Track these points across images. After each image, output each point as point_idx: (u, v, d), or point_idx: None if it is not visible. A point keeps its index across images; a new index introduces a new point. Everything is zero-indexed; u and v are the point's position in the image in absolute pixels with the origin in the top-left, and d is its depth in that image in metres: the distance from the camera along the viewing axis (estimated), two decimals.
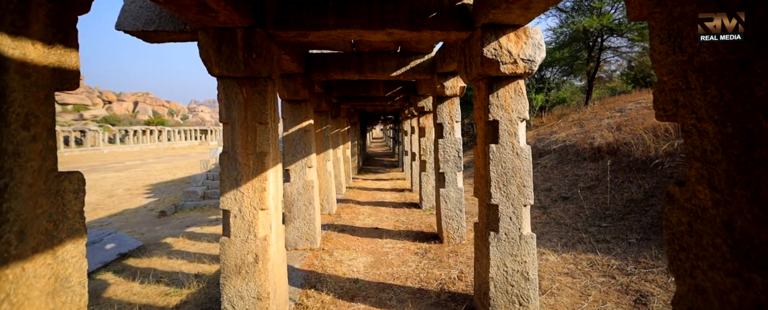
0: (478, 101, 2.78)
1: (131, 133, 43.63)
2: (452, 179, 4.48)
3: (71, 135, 37.34)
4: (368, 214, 6.27)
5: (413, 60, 4.50)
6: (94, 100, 58.95)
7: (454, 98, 4.49)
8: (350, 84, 6.40)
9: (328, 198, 6.40)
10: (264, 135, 2.61)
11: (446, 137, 4.48)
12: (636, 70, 15.67)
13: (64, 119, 47.57)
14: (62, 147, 34.78)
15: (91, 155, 34.36)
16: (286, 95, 4.35)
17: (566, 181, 6.01)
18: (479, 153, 2.79)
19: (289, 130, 4.49)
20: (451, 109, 4.48)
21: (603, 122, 7.71)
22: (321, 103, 6.17)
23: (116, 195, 13.75)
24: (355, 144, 12.38)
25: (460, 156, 4.48)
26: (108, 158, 32.02)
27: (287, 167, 4.48)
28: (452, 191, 4.47)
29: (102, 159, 30.56)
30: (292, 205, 4.46)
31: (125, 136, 43.80)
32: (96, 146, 38.84)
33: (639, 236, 3.67)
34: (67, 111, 53.49)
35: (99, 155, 34.12)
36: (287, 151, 4.49)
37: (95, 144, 39.30)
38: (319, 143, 6.36)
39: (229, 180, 2.58)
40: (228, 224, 2.58)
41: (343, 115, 9.75)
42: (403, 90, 6.50)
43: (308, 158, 4.50)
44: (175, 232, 8.18)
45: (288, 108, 4.50)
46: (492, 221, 2.65)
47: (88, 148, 37.27)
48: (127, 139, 43.21)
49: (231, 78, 2.58)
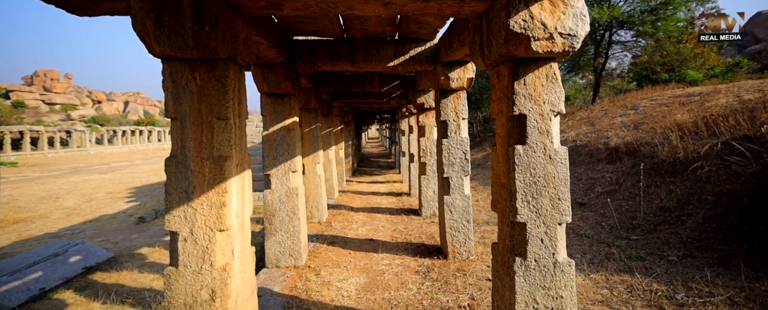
0: (498, 91, 2.20)
1: (120, 134, 42.57)
2: (458, 185, 3.90)
3: (56, 136, 36.26)
4: (362, 222, 5.67)
5: (413, 48, 3.91)
6: (83, 100, 57.71)
7: (460, 92, 3.91)
8: (342, 78, 5.80)
9: (318, 205, 5.79)
10: (224, 134, 2.01)
11: (451, 137, 3.90)
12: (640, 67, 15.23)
13: (50, 119, 46.37)
14: (46, 148, 33.72)
15: (76, 156, 33.33)
16: (266, 88, 3.75)
17: (581, 185, 5.47)
18: (499, 156, 2.21)
19: (270, 129, 3.88)
20: (456, 105, 3.90)
21: (616, 121, 7.19)
22: (309, 100, 5.57)
23: (96, 199, 13.01)
24: (350, 144, 11.77)
25: (467, 158, 3.90)
26: (94, 159, 31.07)
27: (268, 172, 3.87)
28: (458, 198, 3.89)
29: (87, 160, 29.62)
30: (273, 215, 3.85)
31: (113, 137, 42.76)
32: (82, 147, 37.77)
33: (680, 253, 3.12)
34: (55, 111, 52.26)
35: (85, 157, 33.11)
36: (267, 153, 3.88)
37: (81, 145, 38.24)
38: (308, 144, 5.76)
39: (177, 193, 1.97)
40: (176, 250, 1.98)
41: (336, 114, 9.14)
42: (401, 85, 5.92)
43: (292, 161, 3.90)
44: (151, 241, 7.53)
45: (268, 103, 3.89)
46: (517, 244, 2.07)
47: (74, 150, 36.22)
48: (116, 140, 42.17)
49: (179, 60, 1.97)
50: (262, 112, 3.92)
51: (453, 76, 3.73)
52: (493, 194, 2.31)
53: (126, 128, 44.23)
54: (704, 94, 6.53)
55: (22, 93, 51.42)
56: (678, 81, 13.14)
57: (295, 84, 3.95)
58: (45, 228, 8.64)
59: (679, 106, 6.31)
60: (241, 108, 2.19)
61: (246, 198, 2.23)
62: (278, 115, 3.90)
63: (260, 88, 3.79)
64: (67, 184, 16.81)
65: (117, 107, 62.04)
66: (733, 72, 12.95)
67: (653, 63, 14.85)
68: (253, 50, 3.14)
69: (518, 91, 2.04)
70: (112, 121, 52.21)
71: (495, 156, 2.27)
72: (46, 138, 34.39)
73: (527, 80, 2.04)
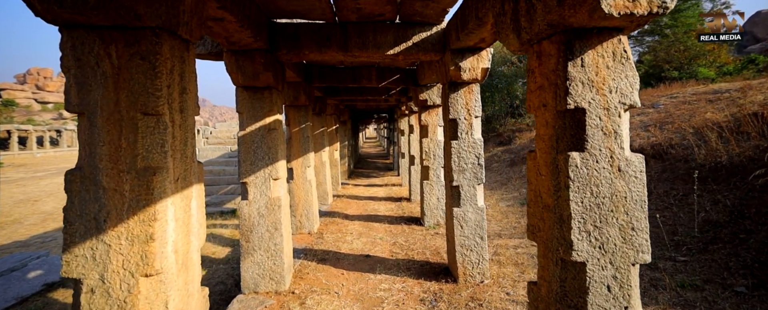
0: (540, 77, 1.60)
1: None
2: (471, 195, 3.30)
3: (46, 135, 35.42)
4: (358, 233, 5.06)
5: (417, 33, 3.31)
6: None
7: (472, 85, 3.30)
8: (335, 72, 5.19)
9: (308, 213, 5.18)
10: (154, 136, 1.40)
11: (462, 138, 3.30)
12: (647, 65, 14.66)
13: (41, 118, 45.54)
14: (35, 148, 32.90)
15: (66, 155, 32.55)
16: (241, 80, 3.13)
17: None
18: (541, 167, 1.61)
19: (247, 129, 3.26)
20: (468, 100, 3.29)
21: (634, 119, 6.61)
22: (298, 95, 4.95)
23: None
24: (346, 145, 11.16)
25: (480, 164, 3.30)
26: None
27: (244, 180, 3.26)
28: (471, 211, 3.29)
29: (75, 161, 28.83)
30: (250, 231, 3.23)
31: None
32: (73, 146, 36.94)
33: (748, 282, 2.53)
34: (47, 110, 51.51)
35: (74, 156, 32.23)
36: (244, 157, 3.26)
37: (73, 144, 37.40)
38: (297, 146, 5.14)
39: (82, 221, 1.36)
40: (78, 306, 1.36)
41: (331, 112, 8.52)
42: (401, 79, 5.31)
43: (273, 166, 3.28)
44: None
45: (245, 98, 3.27)
46: (572, 292, 1.47)
47: (64, 149, 35.41)
48: None
49: (84, 28, 1.36)
50: (237, 108, 3.30)
51: (465, 65, 3.12)
52: (530, 217, 1.71)
53: None
54: (734, 90, 5.96)
55: (14, 91, 50.72)
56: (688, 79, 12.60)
57: (277, 75, 3.33)
58: (15, 235, 7.97)
59: (706, 104, 5.73)
60: (184, 100, 1.57)
61: (193, 225, 1.61)
62: (257, 112, 3.28)
63: (235, 80, 3.17)
64: (50, 185, 16.11)
65: None
66: (748, 69, 12.42)
67: (659, 60, 14.29)
68: (221, 31, 2.53)
69: (574, 75, 1.44)
70: None
71: (534, 166, 1.67)
72: (34, 137, 33.56)
73: (587, 60, 1.44)
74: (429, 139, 5.29)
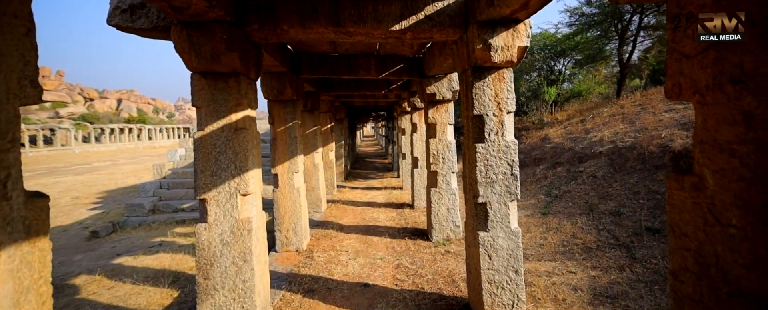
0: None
1: (107, 132, 40.88)
2: (502, 215, 2.52)
3: (39, 134, 34.59)
4: (355, 250, 4.29)
5: (430, 3, 2.52)
6: (75, 98, 56.34)
7: (504, 70, 2.52)
8: (328, 62, 4.40)
9: (296, 227, 4.39)
10: None
11: (491, 141, 2.51)
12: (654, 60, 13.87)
13: (37, 117, 44.78)
14: (27, 147, 32.06)
15: (58, 155, 31.74)
16: (196, 63, 2.34)
17: (642, 201, 4.12)
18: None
19: (205, 129, 2.48)
20: (499, 91, 2.51)
21: (663, 117, 5.84)
22: (283, 89, 4.16)
23: (58, 206, 11.52)
24: (342, 145, 10.37)
25: (514, 173, 2.52)
26: (77, 158, 29.50)
27: (202, 196, 2.47)
28: (502, 236, 2.51)
29: (69, 160, 28.03)
30: (209, 265, 2.45)
31: (101, 135, 41.09)
32: (67, 145, 36.13)
33: None
34: (44, 108, 50.83)
35: (68, 156, 31.54)
36: (201, 166, 2.47)
37: (67, 143, 36.58)
38: (282, 147, 4.35)
39: None
40: None
41: (325, 110, 7.73)
42: (405, 70, 4.52)
43: (242, 177, 2.50)
44: (97, 264, 6.09)
45: (203, 88, 2.48)
46: None
47: (58, 148, 34.59)
48: (104, 138, 40.51)
49: None
50: (193, 101, 2.51)
51: (496, 43, 2.33)
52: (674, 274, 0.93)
53: (114, 126, 42.58)
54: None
55: None
56: None
57: (247, 58, 2.54)
58: None
59: None
60: None
61: None
62: (220, 106, 2.49)
63: (188, 63, 2.38)
64: (35, 187, 15.27)
65: (110, 105, 60.67)
66: None
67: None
68: None
69: None
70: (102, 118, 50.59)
71: (680, 185, 0.89)
72: (27, 136, 32.75)
73: None
74: (437, 140, 4.51)
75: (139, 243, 7.14)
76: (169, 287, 4.66)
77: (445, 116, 4.51)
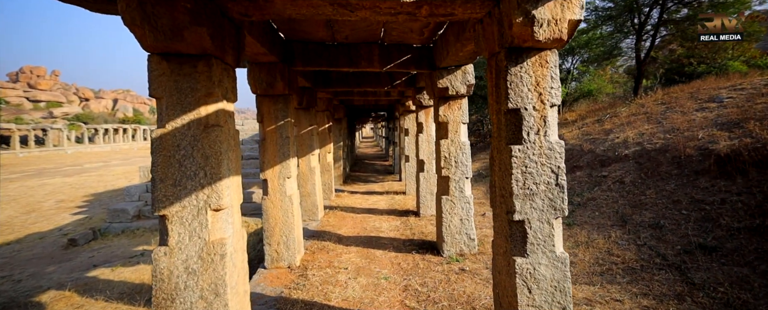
0: None
1: (101, 132, 40.17)
2: (544, 237, 1.98)
3: (31, 134, 33.87)
4: (355, 267, 3.75)
5: None
6: (70, 98, 55.79)
7: (548, 53, 1.99)
8: (325, 51, 3.87)
9: (288, 240, 3.85)
10: None
11: (530, 142, 1.98)
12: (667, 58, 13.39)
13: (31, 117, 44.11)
14: (18, 147, 31.37)
15: (50, 156, 31.04)
16: (152, 40, 1.80)
17: (686, 211, 3.59)
18: None
19: (166, 126, 1.93)
20: (541, 78, 1.98)
21: (695, 116, 5.33)
22: (274, 81, 3.63)
23: (40, 210, 10.91)
24: (340, 146, 9.82)
25: (560, 183, 1.98)
26: (68, 159, 28.84)
27: (162, 211, 1.92)
28: (545, 263, 1.97)
29: (60, 161, 27.37)
30: (171, 300, 1.90)
31: (95, 135, 40.38)
32: (60, 146, 35.41)
33: None
34: (39, 108, 50.25)
35: (59, 156, 30.84)
36: (161, 174, 1.93)
37: (59, 144, 35.86)
38: (272, 149, 3.81)
39: None
40: None
41: (323, 108, 7.19)
42: (413, 60, 3.98)
43: (214, 187, 1.96)
44: (69, 277, 5.52)
45: (163, 73, 1.94)
46: None
47: (50, 149, 33.87)
48: (98, 139, 39.80)
49: None
50: (151, 90, 1.97)
51: (542, 15, 1.80)
52: None
53: (109, 127, 41.90)
54: None
55: (5, 90, 49.63)
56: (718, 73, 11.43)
57: (221, 38, 2.01)
58: None
59: None
60: None
61: None
62: (184, 96, 1.95)
63: (142, 41, 1.84)
64: (19, 189, 14.66)
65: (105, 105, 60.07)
66: None
67: (679, 56, 13.05)
68: None
69: None
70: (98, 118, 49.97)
71: None
72: (17, 137, 32.03)
73: None
74: (449, 141, 3.97)
75: (119, 252, 6.57)
76: (145, 306, 4.11)
77: (458, 114, 3.98)
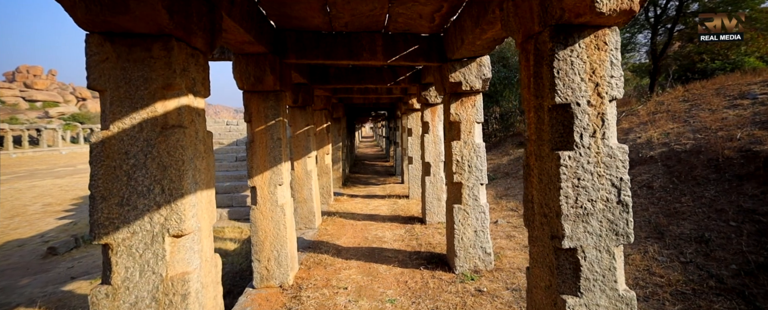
0: None
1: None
2: (602, 270, 1.54)
3: (24, 134, 33.37)
4: (356, 287, 3.29)
5: None
6: (67, 97, 55.34)
7: (606, 31, 1.54)
8: (321, 41, 3.41)
9: (280, 255, 3.39)
10: None
11: (583, 146, 1.53)
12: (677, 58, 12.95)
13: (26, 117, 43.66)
14: (11, 148, 30.83)
15: (44, 156, 30.52)
16: (82, 12, 1.34)
17: (734, 223, 3.14)
18: None
19: (111, 128, 1.48)
20: (596, 64, 1.53)
21: (726, 114, 4.89)
22: (263, 76, 3.17)
23: (24, 214, 10.42)
24: (339, 147, 9.36)
25: (622, 200, 1.53)
26: (62, 160, 28.38)
27: (103, 239, 1.47)
28: (604, 303, 1.53)
29: (54, 161, 26.91)
30: None
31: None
32: (54, 146, 34.90)
33: None
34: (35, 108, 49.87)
35: (53, 157, 30.33)
36: (102, 188, 1.47)
37: (54, 144, 35.36)
38: (262, 152, 3.35)
39: None
40: None
41: (320, 107, 6.73)
42: (420, 52, 3.53)
43: (175, 206, 1.51)
44: (43, 291, 5.06)
45: (109, 58, 1.48)
46: None
47: (44, 149, 33.35)
48: None
49: None
50: (90, 80, 1.51)
51: None
52: None
53: None
54: None
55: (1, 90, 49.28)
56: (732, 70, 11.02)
57: (186, 14, 1.55)
58: None
59: None
60: None
61: None
62: (136, 89, 1.50)
63: (74, 15, 1.38)
64: (6, 192, 14.16)
65: None
66: None
67: (691, 52, 12.61)
68: None
69: None
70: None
71: None
72: (10, 137, 31.48)
73: None
74: (462, 143, 3.52)
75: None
76: None
77: (471, 112, 3.53)
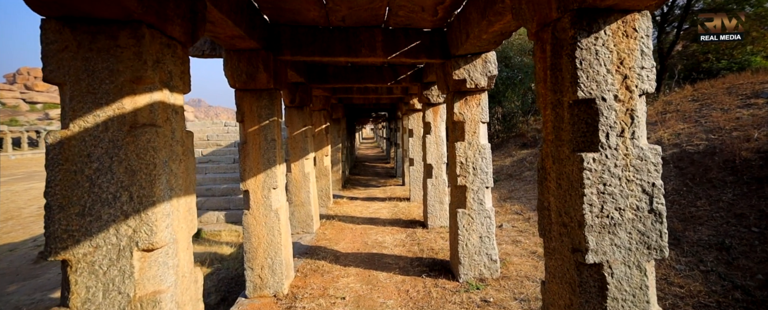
0: None
1: None
2: (633, 289, 1.34)
3: (24, 136, 33.28)
4: (355, 298, 3.11)
5: None
6: None
7: (635, 15, 1.36)
8: (318, 37, 3.23)
9: (274, 263, 3.20)
10: None
11: (610, 147, 1.34)
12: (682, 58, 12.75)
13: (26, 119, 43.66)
14: (10, 149, 30.73)
15: (43, 158, 30.32)
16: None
17: (756, 229, 2.95)
18: None
19: (71, 127, 1.30)
20: (624, 54, 1.34)
21: (740, 114, 4.70)
22: (255, 73, 2.99)
23: (18, 217, 10.25)
24: (339, 148, 9.18)
25: (654, 209, 1.35)
26: None
27: (60, 255, 1.28)
28: None
29: None
30: None
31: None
32: None
33: None
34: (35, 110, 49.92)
35: None
36: (60, 196, 1.29)
37: None
38: (255, 154, 3.16)
39: None
40: None
41: (319, 107, 6.56)
42: (422, 48, 3.35)
43: (145, 216, 1.32)
44: (30, 299, 4.87)
45: (68, 46, 1.30)
46: None
47: (44, 151, 33.15)
48: None
49: None
50: (46, 72, 1.33)
51: None
52: None
53: None
54: None
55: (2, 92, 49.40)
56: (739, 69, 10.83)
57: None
58: None
59: None
60: None
61: None
62: (99, 82, 1.32)
63: (30, 0, 1.20)
64: (2, 194, 13.99)
65: None
66: None
67: (696, 53, 12.42)
68: None
69: None
70: None
71: None
72: (9, 139, 31.38)
73: None
74: (466, 144, 3.33)
75: None
76: None
77: (476, 112, 3.34)
